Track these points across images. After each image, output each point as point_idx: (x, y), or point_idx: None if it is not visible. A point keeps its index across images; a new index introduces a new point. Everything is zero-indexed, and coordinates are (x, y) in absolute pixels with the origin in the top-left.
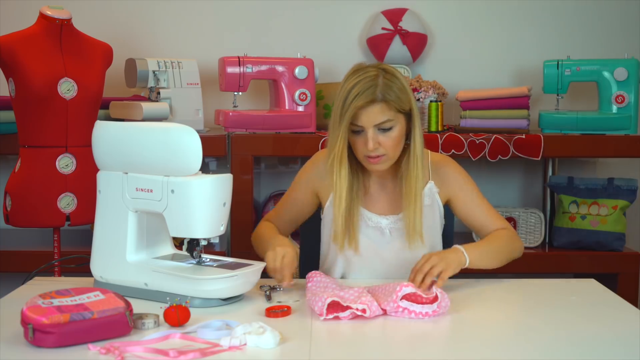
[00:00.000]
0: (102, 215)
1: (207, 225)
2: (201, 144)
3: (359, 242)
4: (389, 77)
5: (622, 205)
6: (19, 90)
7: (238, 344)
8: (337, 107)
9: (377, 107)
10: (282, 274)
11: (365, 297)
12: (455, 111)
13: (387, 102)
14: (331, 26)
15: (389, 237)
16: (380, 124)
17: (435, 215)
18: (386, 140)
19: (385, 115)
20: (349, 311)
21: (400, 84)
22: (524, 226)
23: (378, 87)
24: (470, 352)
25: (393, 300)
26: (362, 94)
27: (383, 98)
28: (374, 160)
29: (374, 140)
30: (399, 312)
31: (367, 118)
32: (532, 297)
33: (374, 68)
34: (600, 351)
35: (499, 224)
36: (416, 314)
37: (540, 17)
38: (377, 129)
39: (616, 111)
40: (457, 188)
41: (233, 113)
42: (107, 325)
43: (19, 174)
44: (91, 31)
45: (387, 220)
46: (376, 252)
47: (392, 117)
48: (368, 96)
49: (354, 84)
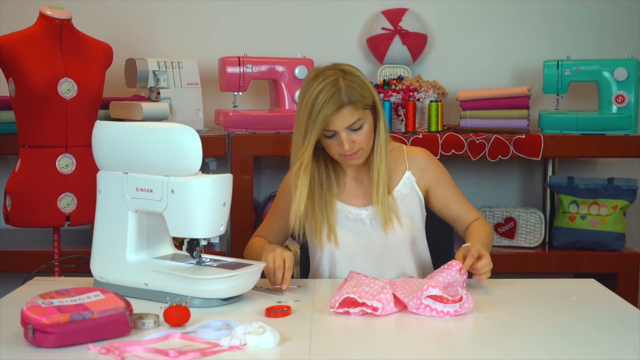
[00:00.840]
0: (102, 215)
1: (207, 225)
2: (201, 144)
3: (338, 236)
4: (348, 77)
5: (622, 205)
6: (19, 90)
7: (238, 344)
8: (303, 116)
9: (346, 110)
10: (280, 275)
11: (384, 295)
12: (455, 111)
13: (353, 103)
14: (331, 26)
15: (370, 227)
16: (351, 125)
17: (415, 203)
18: (359, 137)
19: (354, 116)
20: (360, 308)
21: (360, 82)
22: (524, 226)
23: (342, 91)
24: (470, 351)
25: (417, 297)
26: (328, 102)
27: (349, 101)
28: (351, 156)
29: (349, 141)
30: (421, 309)
31: (338, 122)
32: (532, 297)
33: (332, 70)
34: (600, 351)
35: (474, 214)
36: (437, 312)
37: (540, 17)
38: (349, 129)
39: (616, 111)
40: (435, 179)
41: (233, 113)
42: (107, 325)
43: (19, 174)
44: (91, 31)
45: (367, 211)
46: (356, 243)
47: (360, 115)
48: (335, 103)
49: (317, 92)
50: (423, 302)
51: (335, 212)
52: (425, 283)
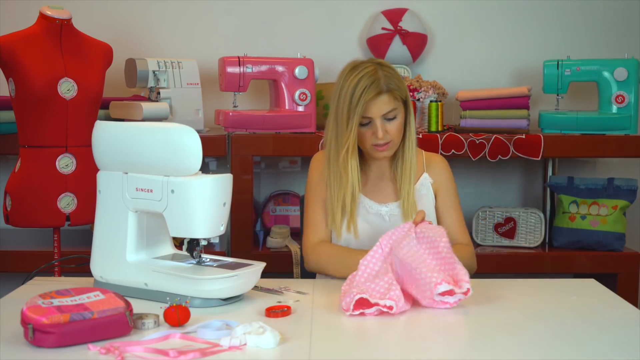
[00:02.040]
0: (102, 215)
1: (207, 225)
2: (201, 144)
3: (358, 228)
4: (386, 69)
5: (622, 205)
6: (19, 90)
7: (238, 344)
8: (344, 103)
9: (384, 97)
10: None
11: (394, 292)
12: (455, 111)
13: (391, 92)
14: (331, 26)
15: (388, 223)
16: (386, 114)
17: (430, 204)
18: (392, 128)
19: (391, 105)
20: (376, 308)
21: (397, 75)
22: (524, 226)
23: (381, 80)
24: (470, 351)
25: (429, 297)
26: (369, 88)
27: (388, 89)
28: (382, 147)
29: (383, 129)
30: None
31: (376, 109)
32: (532, 297)
33: (369, 63)
34: (600, 351)
35: (464, 238)
36: (451, 304)
37: (540, 17)
38: (384, 118)
39: (616, 111)
40: (443, 185)
41: (233, 113)
42: (107, 325)
43: (19, 174)
44: (91, 31)
45: (387, 207)
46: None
47: (396, 106)
48: (375, 89)
49: (358, 80)
50: (435, 299)
51: (357, 204)
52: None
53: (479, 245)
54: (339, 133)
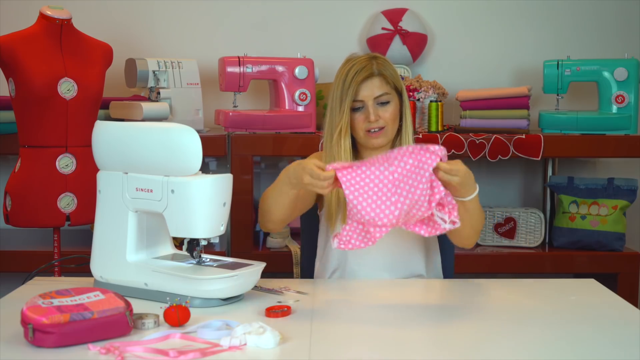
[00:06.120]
0: (102, 215)
1: (207, 225)
2: (201, 144)
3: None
4: (381, 60)
5: (622, 205)
6: (19, 90)
7: (238, 344)
8: (338, 87)
9: (376, 80)
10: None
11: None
12: (455, 111)
13: (383, 75)
14: (331, 26)
15: None
16: (379, 97)
17: None
18: (384, 113)
19: (383, 89)
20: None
21: (391, 66)
22: (524, 226)
23: (374, 65)
24: (470, 351)
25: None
26: (360, 71)
27: (380, 72)
28: (375, 134)
29: (375, 112)
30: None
31: (367, 91)
32: (532, 297)
33: (364, 55)
34: (600, 351)
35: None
36: (441, 230)
37: (540, 17)
38: (376, 102)
39: (616, 111)
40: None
41: (233, 113)
42: (107, 325)
43: (19, 174)
44: (91, 31)
45: None
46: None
47: (388, 91)
48: (367, 71)
49: (350, 66)
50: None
51: None
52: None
53: (479, 245)
54: (332, 118)
